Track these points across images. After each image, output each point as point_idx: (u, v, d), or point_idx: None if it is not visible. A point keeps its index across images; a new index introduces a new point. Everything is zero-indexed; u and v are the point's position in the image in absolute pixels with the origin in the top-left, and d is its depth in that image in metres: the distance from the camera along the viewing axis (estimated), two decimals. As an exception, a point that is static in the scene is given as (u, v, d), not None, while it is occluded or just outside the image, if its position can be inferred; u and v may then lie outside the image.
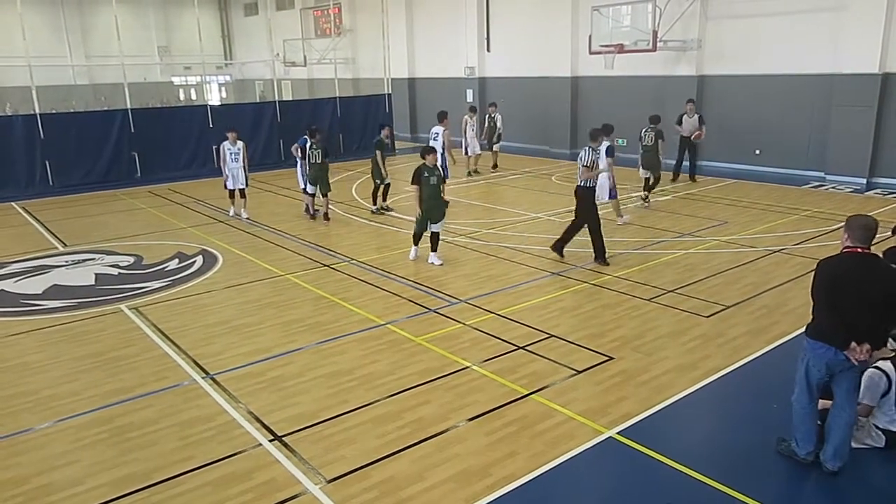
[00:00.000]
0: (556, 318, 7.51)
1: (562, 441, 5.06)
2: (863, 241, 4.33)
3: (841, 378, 4.45)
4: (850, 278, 4.29)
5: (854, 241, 4.35)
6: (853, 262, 4.34)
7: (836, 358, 4.34)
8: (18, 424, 5.58)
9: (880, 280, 4.27)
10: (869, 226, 4.32)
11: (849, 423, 4.51)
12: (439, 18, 25.04)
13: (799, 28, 15.45)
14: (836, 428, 4.52)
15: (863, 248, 4.33)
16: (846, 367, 4.36)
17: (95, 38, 34.22)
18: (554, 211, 12.75)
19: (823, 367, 4.42)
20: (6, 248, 11.37)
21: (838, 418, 4.52)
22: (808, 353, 4.51)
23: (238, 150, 12.77)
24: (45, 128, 16.50)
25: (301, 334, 7.31)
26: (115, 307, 8.32)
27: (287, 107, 20.71)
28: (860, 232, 4.32)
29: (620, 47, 16.93)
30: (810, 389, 4.54)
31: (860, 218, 4.40)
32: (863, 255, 4.33)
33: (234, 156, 12.72)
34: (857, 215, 4.46)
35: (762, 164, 16.62)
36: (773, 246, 10.00)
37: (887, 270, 4.36)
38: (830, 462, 4.55)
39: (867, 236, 4.32)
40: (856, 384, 4.51)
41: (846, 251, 4.39)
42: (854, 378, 4.47)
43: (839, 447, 4.52)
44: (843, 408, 4.51)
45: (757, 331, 7.03)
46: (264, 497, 4.50)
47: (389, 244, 10.87)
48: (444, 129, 13.42)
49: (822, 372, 4.44)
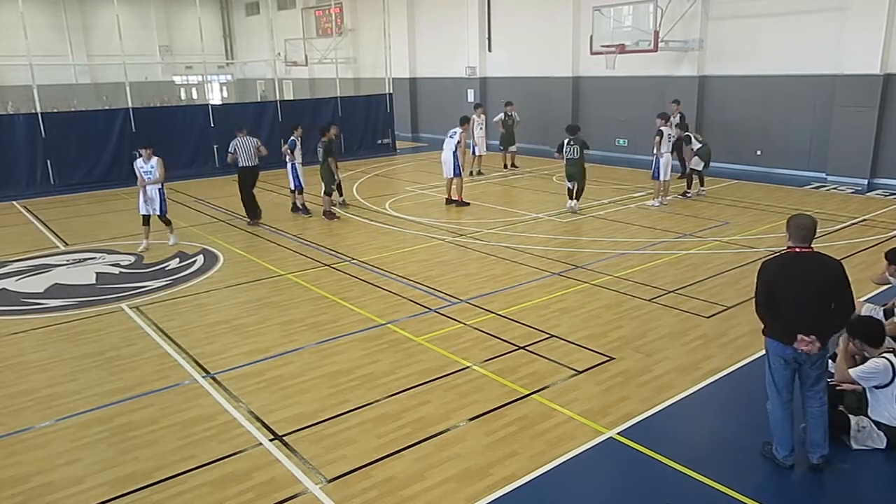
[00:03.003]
0: (556, 318, 7.51)
1: (562, 441, 5.06)
2: (801, 240, 4.45)
3: (805, 371, 4.53)
4: (789, 276, 4.43)
5: (794, 241, 4.48)
6: (791, 261, 4.47)
7: (788, 352, 4.45)
8: (19, 423, 5.59)
9: (820, 275, 4.39)
10: (806, 225, 4.43)
11: (820, 415, 4.59)
12: (440, 18, 25.04)
13: (800, 28, 15.43)
14: (811, 419, 4.62)
15: (801, 247, 4.45)
16: (803, 359, 4.45)
17: (97, 38, 34.25)
18: (555, 211, 12.74)
19: (781, 361, 4.52)
20: (7, 247, 11.38)
21: (809, 409, 4.62)
22: (767, 352, 4.63)
23: (152, 167, 10.62)
24: (46, 127, 16.50)
25: (301, 334, 7.31)
26: (115, 306, 8.32)
27: (288, 106, 20.69)
28: (798, 231, 4.45)
29: (622, 47, 16.90)
30: (779, 390, 4.60)
31: (799, 218, 4.53)
32: (801, 254, 4.45)
33: (147, 175, 10.60)
34: (796, 215, 4.58)
35: (763, 164, 16.61)
36: (774, 246, 9.99)
37: (829, 265, 4.44)
38: (810, 453, 4.63)
39: (805, 235, 4.44)
40: (820, 374, 4.56)
41: (787, 250, 4.53)
42: (817, 368, 4.53)
43: (816, 439, 4.60)
44: (809, 400, 4.60)
45: (758, 331, 6.87)
46: (264, 496, 4.50)
47: (390, 244, 10.87)
48: (463, 132, 13.54)
49: (783, 368, 4.54)
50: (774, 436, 4.70)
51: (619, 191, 14.75)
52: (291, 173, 13.08)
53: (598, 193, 14.40)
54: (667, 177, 12.99)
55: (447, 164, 13.38)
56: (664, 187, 13.12)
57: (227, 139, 12.70)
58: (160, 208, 10.77)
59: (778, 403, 4.62)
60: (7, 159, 16.25)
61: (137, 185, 10.79)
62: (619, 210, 12.81)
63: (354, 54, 29.37)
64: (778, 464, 4.69)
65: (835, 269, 4.43)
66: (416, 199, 14.49)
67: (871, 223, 11.29)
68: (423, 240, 11.08)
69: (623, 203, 13.44)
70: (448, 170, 13.39)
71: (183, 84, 37.72)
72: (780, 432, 4.65)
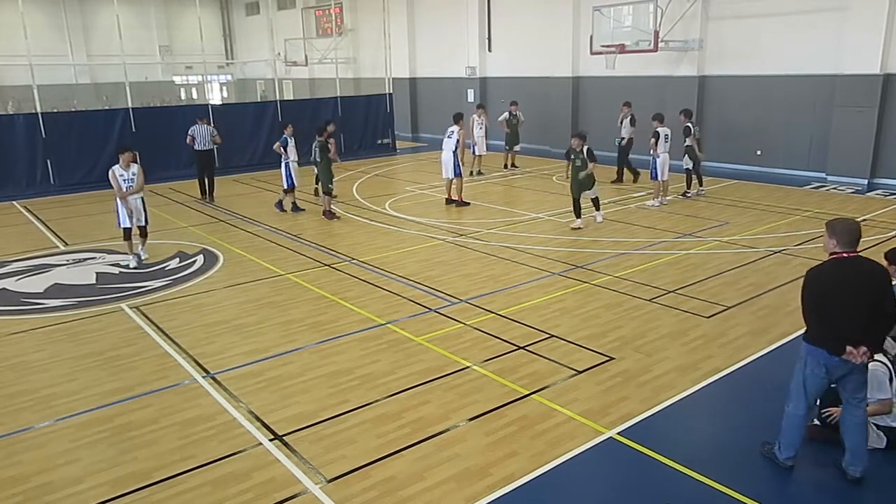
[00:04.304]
0: (556, 318, 7.50)
1: (562, 441, 5.06)
2: (849, 245, 4.32)
3: (845, 380, 4.43)
4: (842, 283, 4.28)
5: (842, 246, 4.33)
6: (843, 266, 4.33)
7: (833, 361, 4.32)
8: (19, 423, 5.59)
9: (870, 281, 4.28)
10: (854, 229, 4.32)
11: (861, 423, 4.49)
12: (440, 18, 25.05)
13: (800, 28, 15.44)
14: (850, 429, 4.50)
15: (849, 252, 4.33)
16: (847, 368, 4.34)
17: (97, 38, 34.25)
18: (555, 211, 12.74)
19: (823, 370, 4.39)
20: (7, 246, 11.38)
21: (849, 419, 4.50)
22: (806, 358, 4.48)
23: (133, 175, 9.89)
24: (46, 127, 16.51)
25: (301, 334, 7.31)
26: (115, 306, 8.32)
27: (288, 106, 20.70)
28: (846, 236, 4.32)
29: (622, 47, 16.91)
30: (807, 398, 4.51)
31: (844, 222, 4.39)
32: (850, 259, 4.33)
33: (128, 184, 9.85)
34: (839, 220, 4.44)
35: (763, 164, 16.61)
36: (775, 247, 10.00)
37: (877, 272, 4.35)
38: (851, 468, 4.52)
39: (852, 240, 4.32)
40: (861, 383, 4.47)
41: (834, 257, 4.37)
42: (858, 378, 4.44)
43: (856, 449, 4.49)
44: (852, 408, 4.49)
45: (758, 331, 7.02)
46: (264, 496, 4.49)
47: (390, 244, 10.87)
48: (460, 129, 13.52)
49: (821, 377, 4.41)
50: (784, 437, 4.63)
51: (619, 191, 14.76)
52: (285, 172, 13.23)
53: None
54: (664, 177, 13.00)
55: (447, 164, 13.35)
56: (663, 187, 13.14)
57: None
58: (144, 218, 10.05)
59: (802, 409, 4.52)
60: (7, 159, 16.26)
61: (117, 195, 9.80)
62: (619, 210, 12.81)
63: (354, 54, 29.38)
64: (778, 464, 4.67)
65: (881, 273, 4.33)
66: (416, 199, 14.50)
67: (871, 223, 11.29)
68: (423, 240, 11.08)
69: (623, 203, 13.44)
70: (448, 170, 13.37)
71: (183, 84, 37.71)
72: (793, 436, 4.58)
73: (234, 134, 18.68)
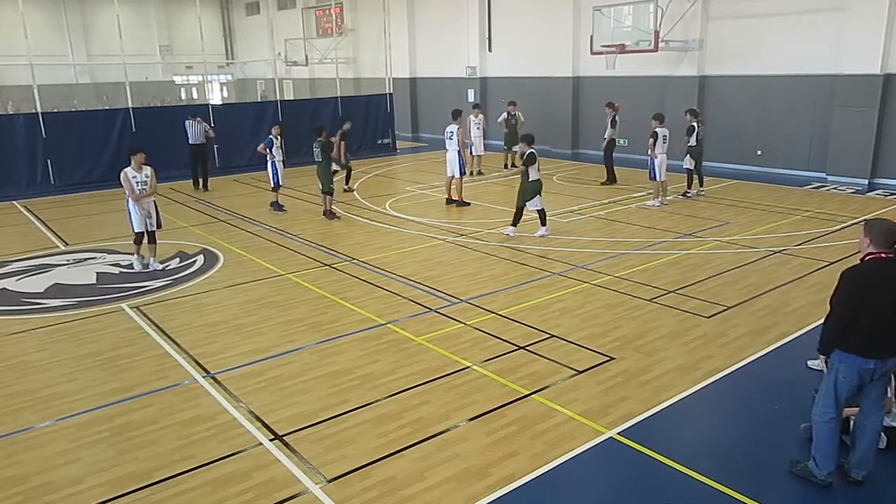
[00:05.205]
0: (556, 318, 7.50)
1: (562, 441, 5.06)
2: (886, 245, 4.25)
3: (870, 387, 4.39)
4: (880, 285, 4.22)
5: (878, 247, 4.26)
6: (881, 267, 4.26)
7: (869, 366, 4.27)
8: (19, 423, 5.59)
9: None
10: (891, 230, 4.26)
11: (878, 429, 4.48)
12: (441, 18, 25.05)
13: (801, 28, 15.44)
14: (864, 434, 4.46)
15: (887, 252, 4.26)
16: (877, 376, 4.31)
17: (97, 37, 34.28)
18: (555, 211, 12.73)
19: (855, 376, 4.31)
20: (7, 246, 11.38)
21: (866, 425, 4.46)
22: (837, 365, 4.37)
23: (147, 178, 9.50)
24: (46, 127, 16.51)
25: (301, 334, 7.31)
26: (116, 306, 8.32)
27: (288, 106, 20.70)
28: (882, 237, 4.26)
29: (622, 47, 16.91)
30: (837, 403, 4.40)
31: (881, 223, 4.33)
32: (888, 260, 4.26)
33: (142, 186, 9.46)
34: (877, 220, 4.38)
35: (763, 164, 16.61)
36: (775, 247, 9.99)
37: None
38: (855, 470, 4.51)
39: (889, 241, 4.26)
40: (884, 391, 4.45)
41: (870, 257, 4.30)
42: (883, 385, 4.41)
43: (865, 454, 4.47)
44: (871, 415, 4.46)
45: (758, 331, 7.02)
46: (264, 496, 4.49)
47: (390, 244, 10.87)
48: (459, 127, 13.56)
49: (852, 383, 4.34)
50: (819, 450, 4.48)
51: (619, 191, 14.75)
52: (271, 171, 13.41)
53: (598, 193, 14.41)
54: (663, 177, 12.99)
55: (453, 163, 13.51)
56: (662, 187, 13.14)
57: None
58: (157, 222, 9.75)
59: (836, 417, 4.40)
60: (7, 159, 16.26)
61: (130, 198, 9.45)
62: (619, 210, 12.81)
63: (354, 54, 29.38)
64: (817, 482, 4.49)
65: None
66: (417, 199, 14.50)
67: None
68: (424, 240, 11.08)
69: (623, 203, 13.44)
70: (454, 168, 13.49)
71: (183, 84, 37.73)
72: (829, 446, 4.44)
73: (234, 134, 18.71)
